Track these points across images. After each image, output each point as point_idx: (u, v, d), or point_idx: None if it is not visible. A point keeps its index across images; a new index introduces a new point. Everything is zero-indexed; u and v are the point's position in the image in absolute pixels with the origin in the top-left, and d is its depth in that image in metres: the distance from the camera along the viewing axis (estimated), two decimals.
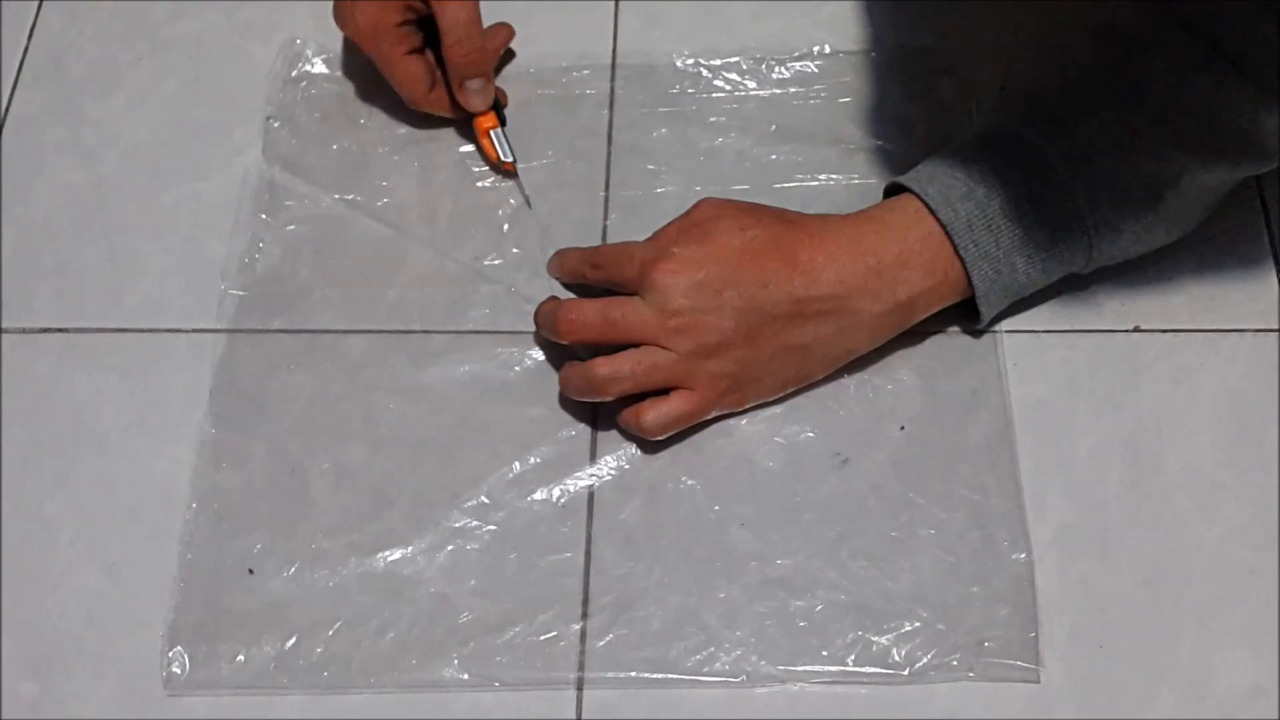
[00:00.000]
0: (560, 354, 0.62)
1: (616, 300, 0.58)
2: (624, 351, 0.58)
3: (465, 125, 0.68)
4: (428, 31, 0.65)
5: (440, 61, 0.65)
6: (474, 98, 0.66)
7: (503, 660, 0.56)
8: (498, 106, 0.67)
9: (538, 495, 0.59)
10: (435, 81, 0.66)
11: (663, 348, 0.57)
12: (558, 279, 0.64)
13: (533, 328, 0.62)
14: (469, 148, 0.68)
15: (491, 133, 0.67)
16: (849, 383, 0.61)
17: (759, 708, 0.55)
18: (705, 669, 0.55)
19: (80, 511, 0.59)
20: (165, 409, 0.62)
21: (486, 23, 0.72)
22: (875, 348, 0.60)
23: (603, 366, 0.57)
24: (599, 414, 0.61)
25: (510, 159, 0.66)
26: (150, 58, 0.72)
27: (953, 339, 0.63)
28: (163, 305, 0.64)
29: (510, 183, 0.67)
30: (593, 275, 0.62)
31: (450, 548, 0.58)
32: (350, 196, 0.67)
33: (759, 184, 0.67)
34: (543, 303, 0.61)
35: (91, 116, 0.70)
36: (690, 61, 0.71)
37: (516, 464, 0.60)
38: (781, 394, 0.60)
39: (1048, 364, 0.62)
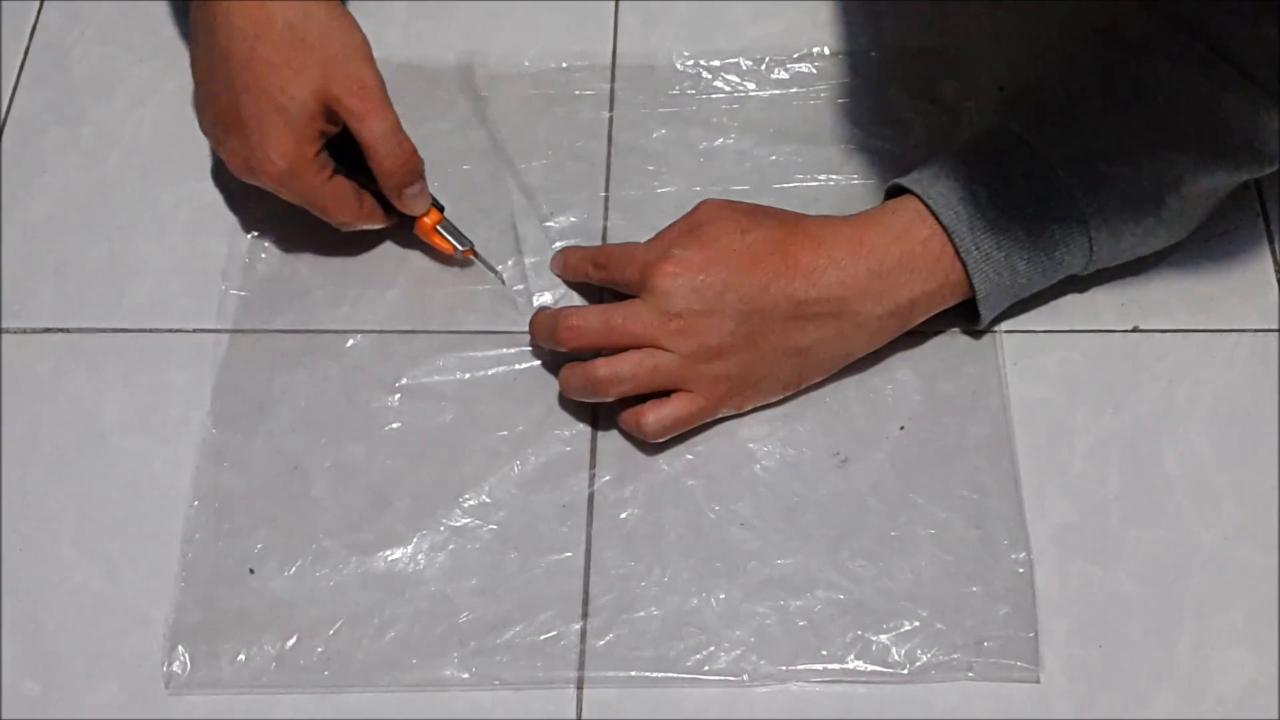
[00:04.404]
0: (559, 354, 0.62)
1: (617, 305, 0.58)
2: (625, 353, 0.58)
3: (401, 229, 0.65)
4: (329, 149, 0.61)
5: (354, 174, 0.62)
6: (414, 202, 0.62)
7: (503, 659, 0.56)
8: (432, 198, 0.64)
9: (538, 495, 0.59)
10: (361, 196, 0.62)
11: (664, 349, 0.57)
12: (560, 276, 0.64)
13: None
14: (467, 147, 0.68)
15: (439, 228, 0.63)
16: (849, 383, 0.61)
17: (759, 707, 0.55)
18: (705, 668, 0.56)
19: (80, 511, 0.60)
20: (166, 409, 0.62)
21: (489, 25, 0.72)
22: (875, 350, 0.60)
23: (603, 368, 0.57)
24: (599, 414, 0.61)
25: (468, 245, 0.64)
26: (150, 58, 0.72)
27: (953, 339, 0.63)
28: (164, 305, 0.64)
29: (508, 173, 0.67)
30: (595, 274, 0.62)
31: (451, 547, 0.58)
32: None
33: (759, 184, 0.67)
34: (536, 313, 0.61)
35: (92, 116, 0.70)
36: (690, 62, 0.71)
37: (516, 464, 0.60)
38: (782, 396, 0.60)
39: (1047, 364, 0.62)
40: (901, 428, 0.61)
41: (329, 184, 0.60)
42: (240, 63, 0.58)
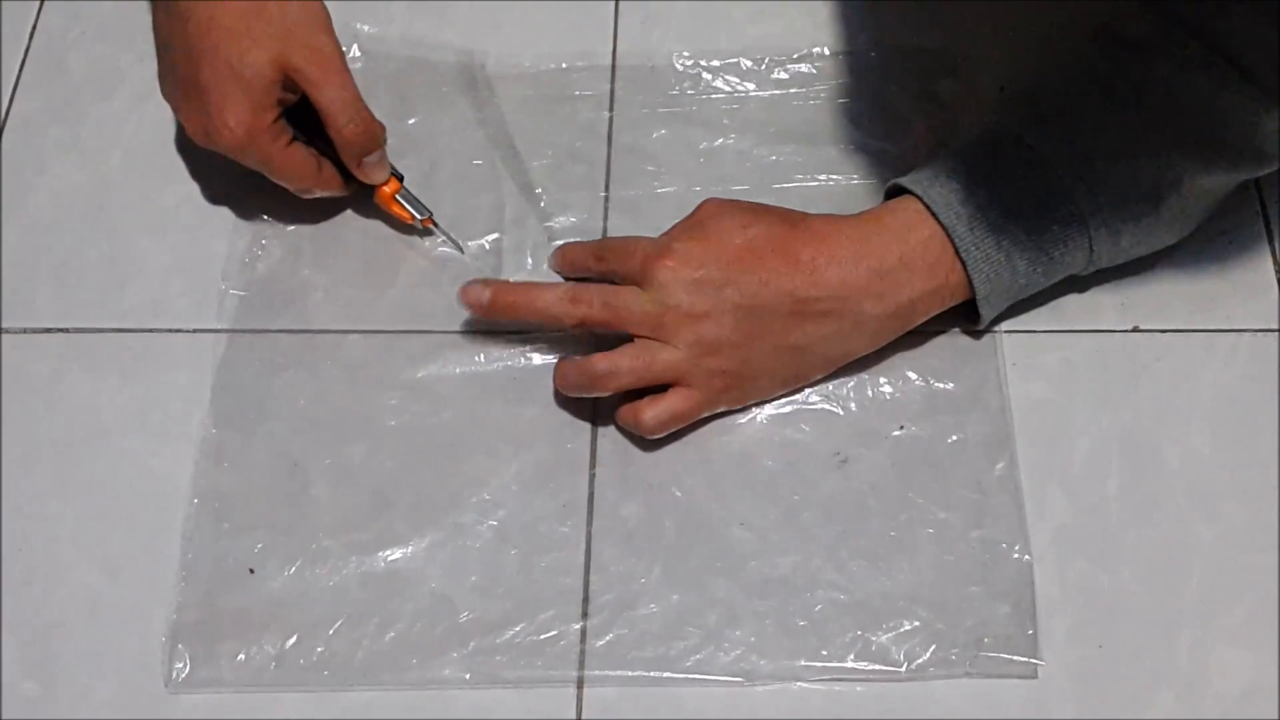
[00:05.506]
0: (558, 353, 0.62)
1: (616, 287, 0.58)
2: (622, 347, 0.58)
3: (360, 196, 0.66)
4: (290, 116, 0.62)
5: (315, 142, 0.62)
6: (374, 170, 0.63)
7: (503, 659, 0.56)
8: (392, 167, 0.64)
9: (538, 494, 0.59)
10: (320, 163, 0.63)
11: (661, 343, 0.57)
12: (559, 271, 0.64)
13: (533, 327, 0.62)
14: (467, 143, 0.68)
15: (397, 197, 0.64)
16: (849, 383, 0.61)
17: (759, 707, 0.55)
18: (705, 668, 0.56)
19: (80, 511, 0.60)
20: (166, 409, 0.62)
21: (489, 25, 0.72)
22: (875, 349, 0.60)
23: (601, 361, 0.57)
24: (599, 413, 0.61)
25: (426, 214, 0.64)
26: (151, 58, 0.72)
27: (953, 339, 0.63)
28: (163, 305, 0.64)
29: (508, 173, 0.67)
30: (596, 267, 0.62)
31: (450, 547, 0.58)
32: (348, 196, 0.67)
33: (759, 184, 0.67)
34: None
35: (92, 116, 0.70)
36: (690, 62, 0.71)
37: (516, 463, 0.60)
38: (780, 393, 0.60)
39: (1047, 364, 0.62)
40: (901, 428, 0.61)
41: (286, 151, 0.61)
42: (199, 30, 0.59)
